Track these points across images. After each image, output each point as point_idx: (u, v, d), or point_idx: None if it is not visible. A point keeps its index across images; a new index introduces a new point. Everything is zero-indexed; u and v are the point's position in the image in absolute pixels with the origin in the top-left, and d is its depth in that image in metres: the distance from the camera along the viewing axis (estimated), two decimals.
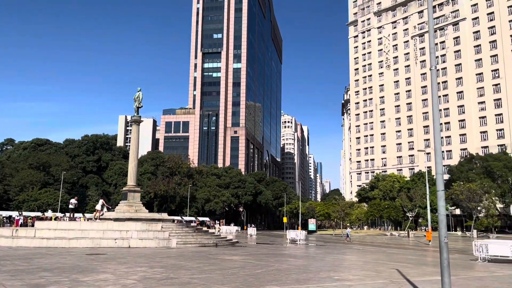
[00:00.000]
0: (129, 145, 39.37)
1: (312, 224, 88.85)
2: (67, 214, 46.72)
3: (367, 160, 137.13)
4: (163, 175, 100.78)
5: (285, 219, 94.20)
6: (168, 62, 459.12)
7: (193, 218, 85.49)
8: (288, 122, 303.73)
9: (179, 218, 78.24)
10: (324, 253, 29.22)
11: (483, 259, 24.41)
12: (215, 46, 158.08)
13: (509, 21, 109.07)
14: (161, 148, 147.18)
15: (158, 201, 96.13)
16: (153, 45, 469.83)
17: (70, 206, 37.85)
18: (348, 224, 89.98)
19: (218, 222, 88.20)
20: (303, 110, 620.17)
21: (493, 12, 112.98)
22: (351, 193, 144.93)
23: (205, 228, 53.24)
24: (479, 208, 78.54)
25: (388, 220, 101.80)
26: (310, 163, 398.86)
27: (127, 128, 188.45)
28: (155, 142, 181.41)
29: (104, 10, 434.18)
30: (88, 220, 41.56)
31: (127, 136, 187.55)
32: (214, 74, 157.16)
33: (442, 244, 10.79)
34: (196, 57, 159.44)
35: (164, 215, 38.88)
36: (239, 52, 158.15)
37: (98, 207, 36.09)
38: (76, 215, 60.79)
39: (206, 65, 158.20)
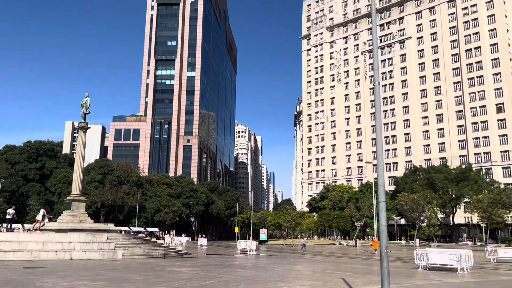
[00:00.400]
0: (76, 152, 37.73)
1: (263, 234, 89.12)
2: (4, 225, 43.99)
3: (318, 171, 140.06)
4: (111, 184, 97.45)
5: (236, 229, 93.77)
6: (120, 69, 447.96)
7: (141, 229, 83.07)
8: (242, 132, 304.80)
9: (126, 228, 75.79)
10: (274, 263, 29.29)
11: (423, 267, 25.45)
12: (169, 53, 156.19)
13: (451, 41, 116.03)
14: (109, 156, 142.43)
15: (105, 211, 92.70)
16: (105, 50, 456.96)
17: (8, 217, 35.74)
18: (303, 234, 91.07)
19: (168, 232, 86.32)
20: (257, 120, 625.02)
21: (436, 33, 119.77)
22: (302, 203, 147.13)
23: (153, 239, 51.89)
24: (422, 218, 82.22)
25: (337, 229, 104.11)
26: (263, 173, 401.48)
27: (74, 134, 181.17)
28: (103, 149, 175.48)
29: (57, 13, 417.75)
30: (27, 231, 39.27)
31: (73, 143, 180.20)
32: (168, 82, 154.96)
33: (383, 254, 11.12)
34: (149, 64, 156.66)
35: (111, 226, 37.56)
36: (193, 61, 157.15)
37: (39, 217, 34.24)
38: (14, 225, 57.23)
39: (159, 72, 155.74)
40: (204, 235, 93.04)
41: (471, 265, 25.06)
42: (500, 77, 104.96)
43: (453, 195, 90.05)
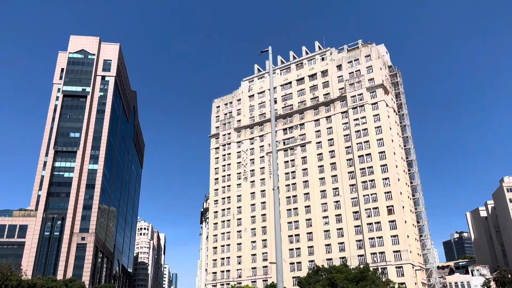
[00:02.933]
0: None
1: None
2: None
3: (223, 271, 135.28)
4: None
5: None
6: (14, 159, 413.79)
7: None
8: (145, 229, 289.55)
9: None
10: None
11: None
12: (70, 145, 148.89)
13: (345, 147, 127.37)
14: None
15: None
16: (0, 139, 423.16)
17: None
18: None
19: None
20: (162, 217, 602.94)
21: (332, 139, 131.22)
22: None
23: None
24: None
25: None
26: (165, 274, 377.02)
27: None
28: None
29: None
30: None
31: None
32: (66, 174, 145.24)
33: None
34: (47, 155, 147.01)
35: None
36: (97, 153, 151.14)
37: None
38: None
39: (57, 164, 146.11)
40: None
41: None
42: (389, 181, 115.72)
43: None
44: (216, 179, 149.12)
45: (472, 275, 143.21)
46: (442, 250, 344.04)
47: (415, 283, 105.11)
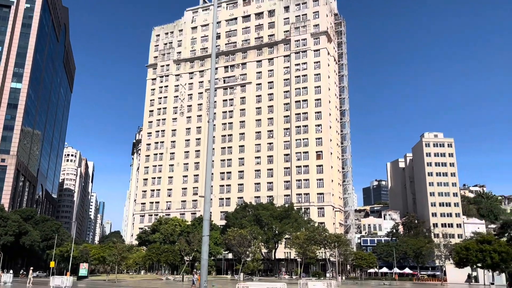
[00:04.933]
0: None
1: (83, 269, 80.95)
2: None
3: (152, 203, 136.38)
4: None
5: (52, 264, 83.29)
6: None
7: None
8: (72, 155, 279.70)
9: None
10: None
11: None
12: None
13: (284, 91, 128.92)
14: None
15: None
16: None
17: None
18: (195, 270, 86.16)
19: None
20: (91, 145, 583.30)
21: (272, 82, 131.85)
22: (132, 235, 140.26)
23: None
24: (247, 252, 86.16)
25: (166, 264, 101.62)
26: (92, 202, 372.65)
27: None
28: None
29: None
30: None
31: None
32: None
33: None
34: None
35: None
36: (20, 71, 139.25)
37: None
38: None
39: None
40: (11, 271, 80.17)
41: None
42: (321, 128, 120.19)
43: (277, 232, 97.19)
44: (151, 111, 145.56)
45: (384, 219, 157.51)
46: (361, 195, 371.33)
47: (334, 223, 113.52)
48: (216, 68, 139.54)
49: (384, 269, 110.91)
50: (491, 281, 64.48)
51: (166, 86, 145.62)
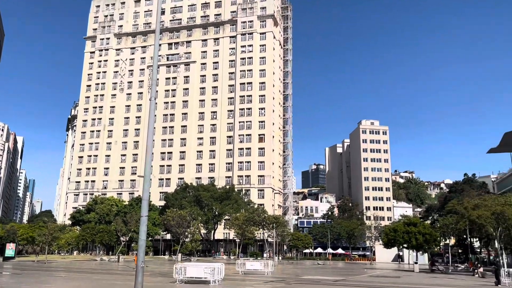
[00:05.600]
0: None
1: (10, 249, 76.69)
2: None
3: (87, 181, 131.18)
4: None
5: None
6: None
7: None
8: None
9: None
10: (18, 283, 25.29)
11: (181, 281, 26.22)
12: None
13: (229, 73, 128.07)
14: None
15: None
16: None
17: None
18: (182, 252, 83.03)
19: None
20: (21, 118, 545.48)
21: (218, 62, 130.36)
22: (65, 215, 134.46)
23: None
24: (186, 233, 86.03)
25: (101, 244, 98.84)
26: (21, 180, 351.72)
27: None
28: None
29: None
30: None
31: None
32: None
33: (139, 268, 10.71)
34: None
35: None
36: None
37: None
38: None
39: None
40: None
41: (222, 277, 27.16)
42: (264, 111, 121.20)
43: (217, 213, 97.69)
44: (89, 86, 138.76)
45: (321, 202, 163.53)
46: (300, 179, 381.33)
47: (273, 205, 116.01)
48: (160, 45, 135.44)
49: (319, 250, 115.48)
50: (415, 260, 69.38)
51: (106, 61, 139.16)
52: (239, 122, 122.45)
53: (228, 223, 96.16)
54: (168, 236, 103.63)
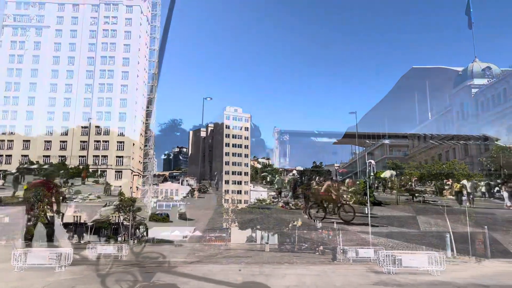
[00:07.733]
0: None
1: None
2: None
3: None
4: None
5: None
6: None
7: None
8: None
9: None
10: None
11: (20, 268, 23.59)
12: None
13: (89, 43, 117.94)
14: None
15: None
16: None
17: None
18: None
19: None
20: None
21: (76, 31, 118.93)
22: None
23: None
24: (29, 217, 77.80)
25: None
26: None
27: None
28: None
29: None
30: None
31: None
32: None
33: None
34: None
35: None
36: None
37: None
38: None
39: None
40: None
41: (70, 262, 25.21)
42: (127, 89, 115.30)
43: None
44: None
45: (182, 184, 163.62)
46: (162, 161, 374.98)
47: (131, 187, 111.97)
48: (6, 2, 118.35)
49: (177, 232, 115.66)
50: (266, 240, 74.46)
51: None
52: (98, 98, 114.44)
53: (78, 206, 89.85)
54: (7, 220, 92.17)
